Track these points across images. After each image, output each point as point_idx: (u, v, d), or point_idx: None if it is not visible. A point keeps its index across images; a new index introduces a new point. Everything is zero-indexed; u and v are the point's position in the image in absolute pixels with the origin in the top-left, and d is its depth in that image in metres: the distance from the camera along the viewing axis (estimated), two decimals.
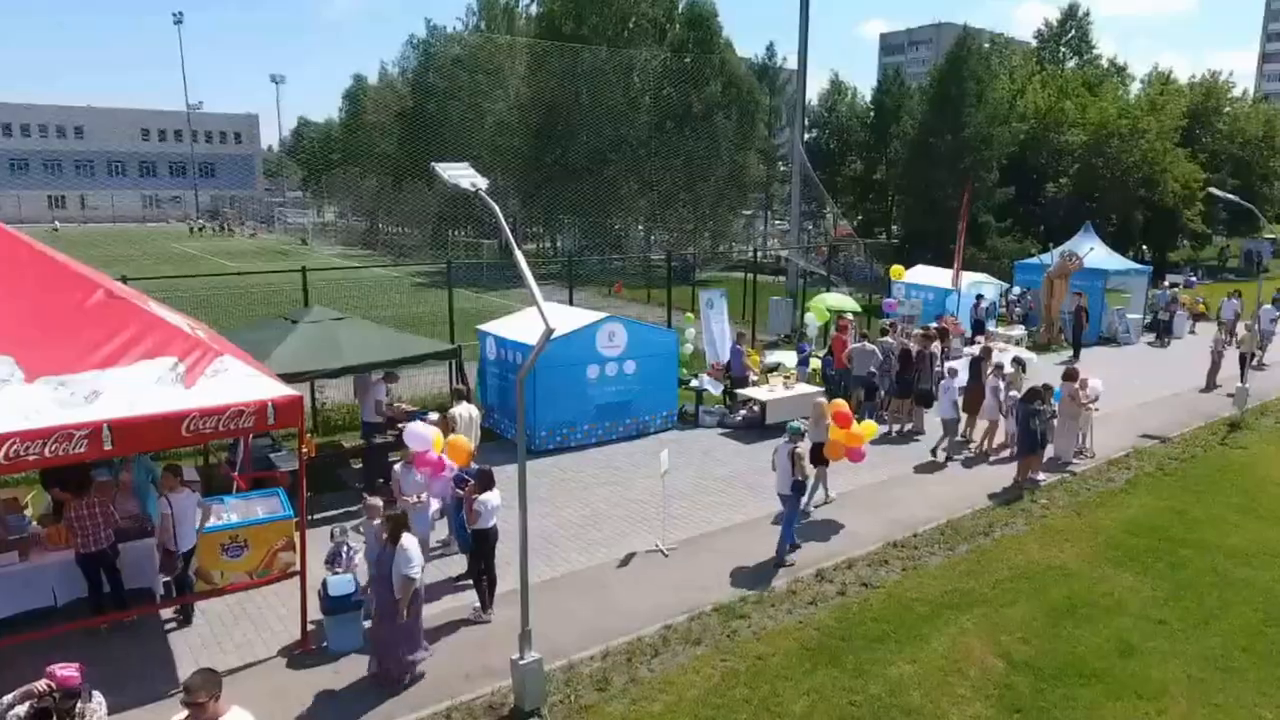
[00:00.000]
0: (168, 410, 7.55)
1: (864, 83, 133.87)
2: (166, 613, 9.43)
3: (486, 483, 9.36)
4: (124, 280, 11.38)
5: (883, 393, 17.08)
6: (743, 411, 16.98)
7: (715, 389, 17.70)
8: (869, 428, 12.79)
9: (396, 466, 10.36)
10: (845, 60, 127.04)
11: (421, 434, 10.12)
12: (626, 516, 12.33)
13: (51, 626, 8.61)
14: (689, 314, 21.82)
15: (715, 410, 17.30)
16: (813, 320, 22.17)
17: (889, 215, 51.52)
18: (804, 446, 11.26)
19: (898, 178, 47.79)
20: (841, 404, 12.45)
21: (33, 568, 8.98)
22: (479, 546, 9.43)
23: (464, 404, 12.50)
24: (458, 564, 10.52)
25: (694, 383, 17.65)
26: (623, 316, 16.57)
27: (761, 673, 8.51)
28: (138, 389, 7.59)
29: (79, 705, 5.35)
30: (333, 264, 41.43)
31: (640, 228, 52.31)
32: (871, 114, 52.33)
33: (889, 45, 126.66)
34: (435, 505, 10.52)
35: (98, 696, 5.50)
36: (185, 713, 5.16)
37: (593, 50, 46.17)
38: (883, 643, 9.07)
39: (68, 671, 5.30)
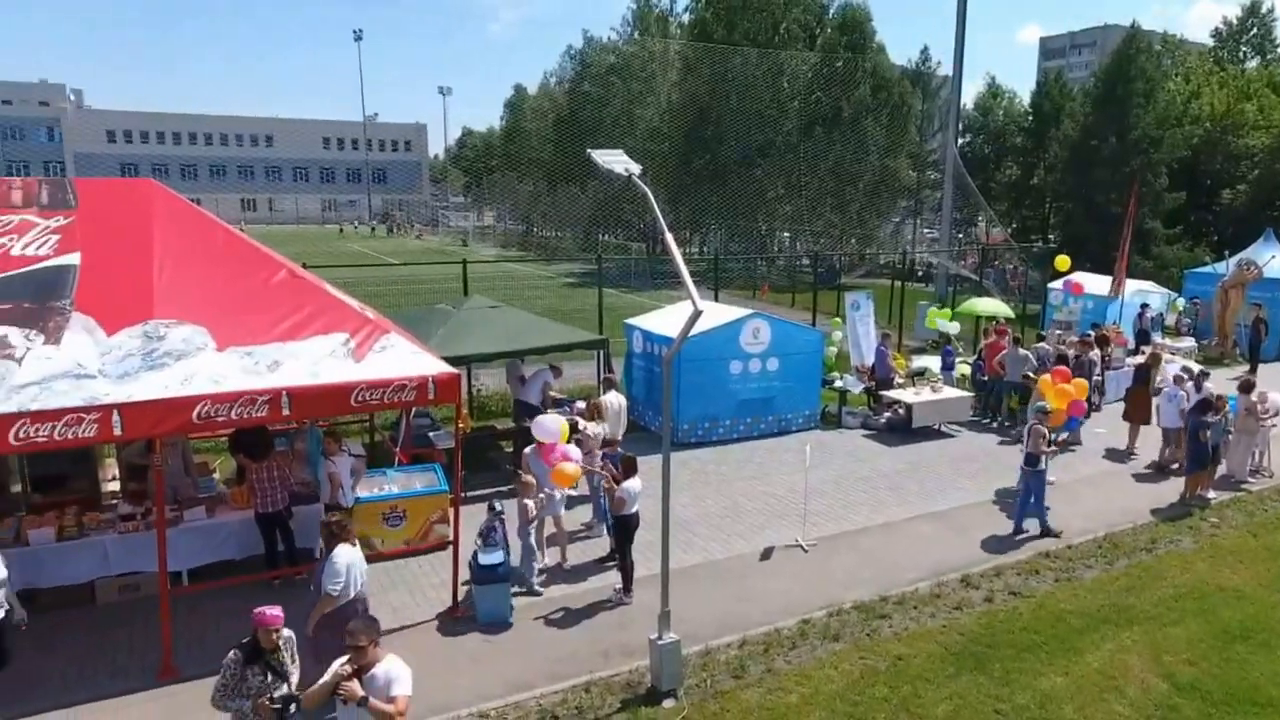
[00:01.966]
0: (339, 381, 7.94)
1: (1021, 87, 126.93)
2: None
3: (630, 469, 9.36)
4: (305, 267, 12.11)
5: None
6: (887, 414, 16.32)
7: (857, 388, 17.10)
8: (1080, 384, 13.49)
9: (527, 450, 10.47)
10: (1001, 66, 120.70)
11: (549, 427, 9.99)
12: (766, 511, 12.06)
13: (231, 577, 9.24)
14: (835, 318, 21.20)
15: (859, 412, 16.72)
16: (944, 325, 20.85)
17: (1046, 222, 48.52)
18: (1046, 426, 11.54)
19: (1056, 183, 44.90)
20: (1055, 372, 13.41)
21: (218, 524, 9.64)
22: (621, 531, 9.42)
23: (613, 392, 12.60)
24: (601, 546, 10.59)
25: (838, 382, 17.13)
26: (767, 314, 16.26)
27: (902, 673, 8.08)
28: (313, 360, 8.03)
29: (280, 638, 5.79)
30: (490, 260, 42.92)
31: (786, 232, 51.58)
32: (1030, 117, 49.48)
33: (1049, 49, 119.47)
34: (560, 493, 10.46)
35: (288, 631, 5.89)
36: (347, 655, 5.34)
37: (743, 55, 45.90)
38: (1032, 653, 8.44)
39: (274, 611, 5.78)
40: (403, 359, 8.46)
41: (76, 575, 8.89)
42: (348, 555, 7.01)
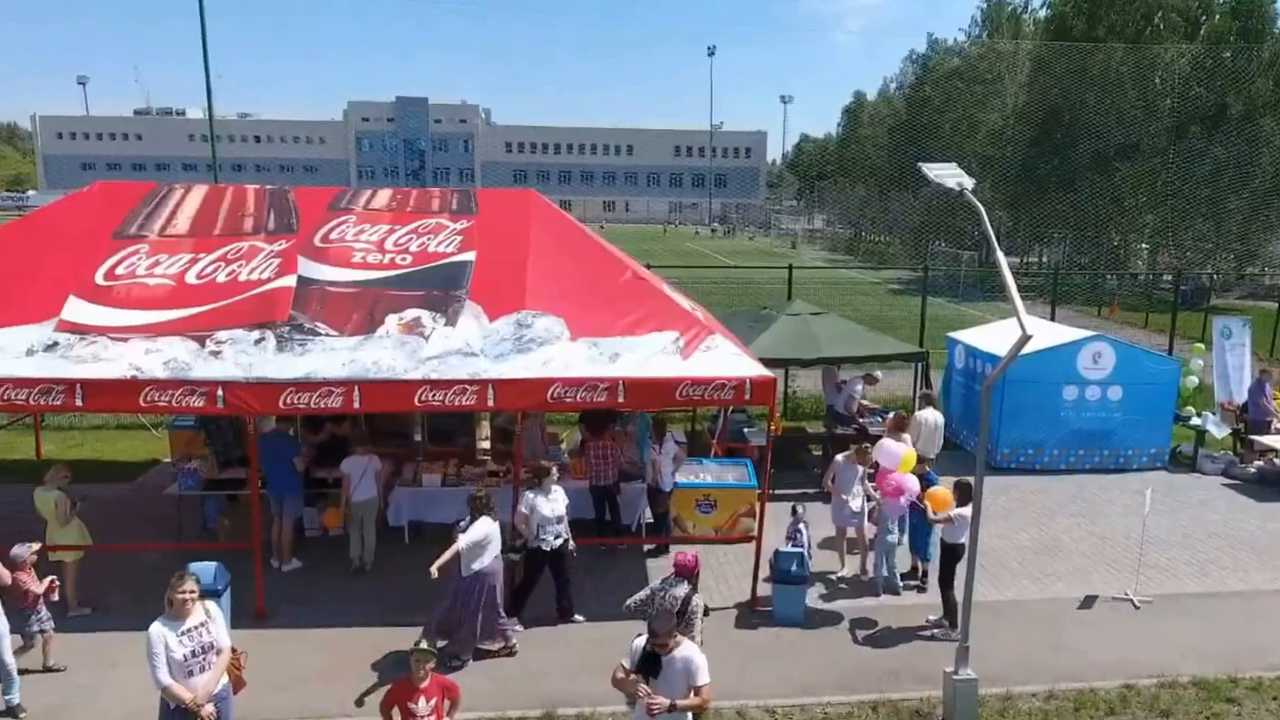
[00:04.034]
0: (667, 375, 8.36)
1: None
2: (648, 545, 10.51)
3: (965, 496, 8.42)
4: (648, 267, 12.88)
5: None
6: (1259, 462, 13.56)
7: (1220, 431, 14.37)
8: None
9: (839, 457, 10.13)
10: None
11: (892, 451, 9.47)
12: (1091, 554, 10.62)
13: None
14: (1198, 344, 18.04)
15: (1220, 457, 14.06)
16: None
17: None
18: None
19: None
20: None
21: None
22: (948, 560, 8.57)
23: (929, 409, 11.81)
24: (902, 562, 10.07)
25: (1194, 420, 14.54)
26: (1112, 337, 14.28)
27: None
28: (647, 355, 8.52)
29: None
30: (817, 266, 42.56)
31: (1144, 245, 44.84)
32: None
33: None
34: (857, 502, 9.90)
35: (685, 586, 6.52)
36: (644, 636, 5.55)
37: (1105, 51, 40.47)
38: None
39: (686, 557, 6.44)
40: (725, 360, 8.68)
41: (449, 515, 10.26)
42: (486, 527, 7.67)
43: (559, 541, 8.42)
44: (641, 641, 5.53)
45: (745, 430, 12.95)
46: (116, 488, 11.73)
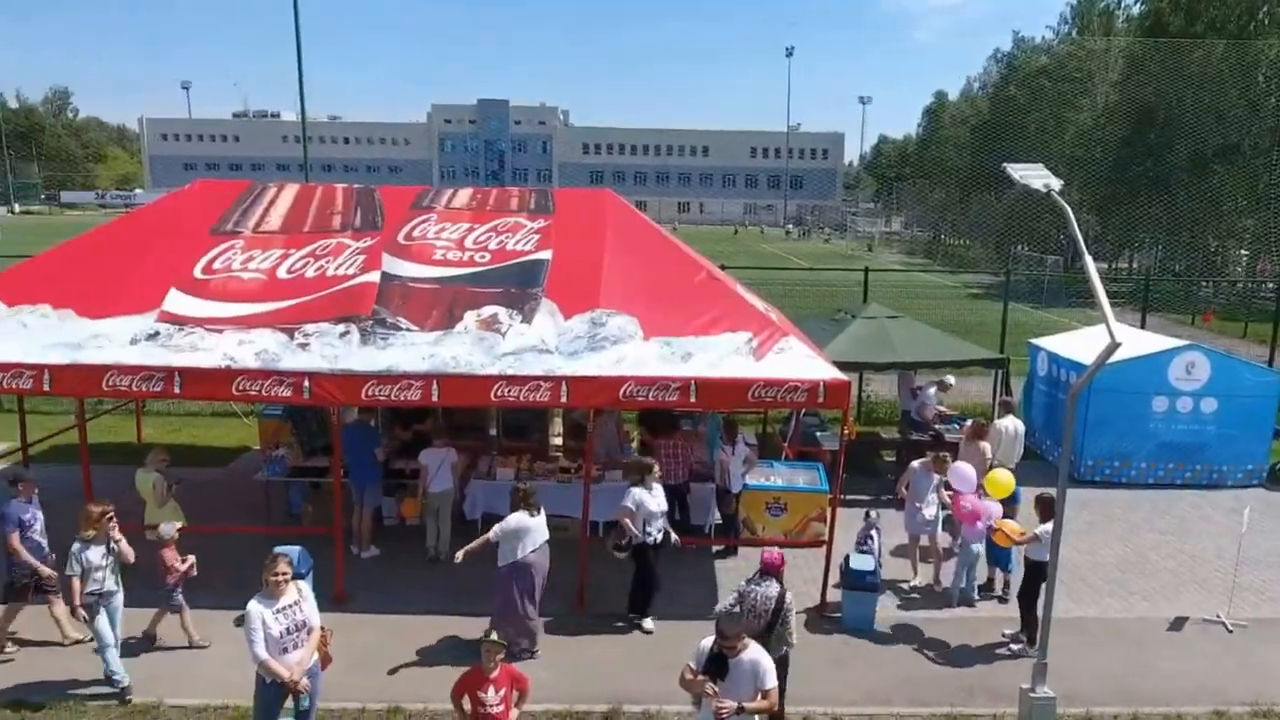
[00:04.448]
0: (739, 376, 8.27)
1: None
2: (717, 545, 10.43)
3: (1047, 510, 8.04)
4: (722, 267, 12.78)
5: None
6: None
7: None
8: None
9: (915, 464, 9.87)
10: None
11: (966, 475, 9.13)
12: (1180, 572, 10.09)
13: None
14: None
15: None
16: None
17: None
18: None
19: None
20: None
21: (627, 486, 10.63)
22: (1033, 578, 8.14)
23: (1009, 417, 11.39)
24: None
25: None
26: (1207, 346, 13.54)
27: None
28: (719, 355, 8.45)
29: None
30: (893, 269, 41.62)
31: (1243, 251, 42.41)
32: None
33: None
34: (931, 510, 9.61)
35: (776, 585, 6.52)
36: (712, 638, 5.50)
37: (1205, 47, 38.39)
38: None
39: (774, 555, 6.51)
40: (798, 362, 8.54)
41: None
42: (521, 520, 7.71)
43: (661, 536, 8.52)
44: (709, 642, 5.48)
45: (817, 434, 12.73)
46: (210, 472, 12.29)
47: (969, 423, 11.11)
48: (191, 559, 7.85)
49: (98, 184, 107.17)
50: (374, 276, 9.27)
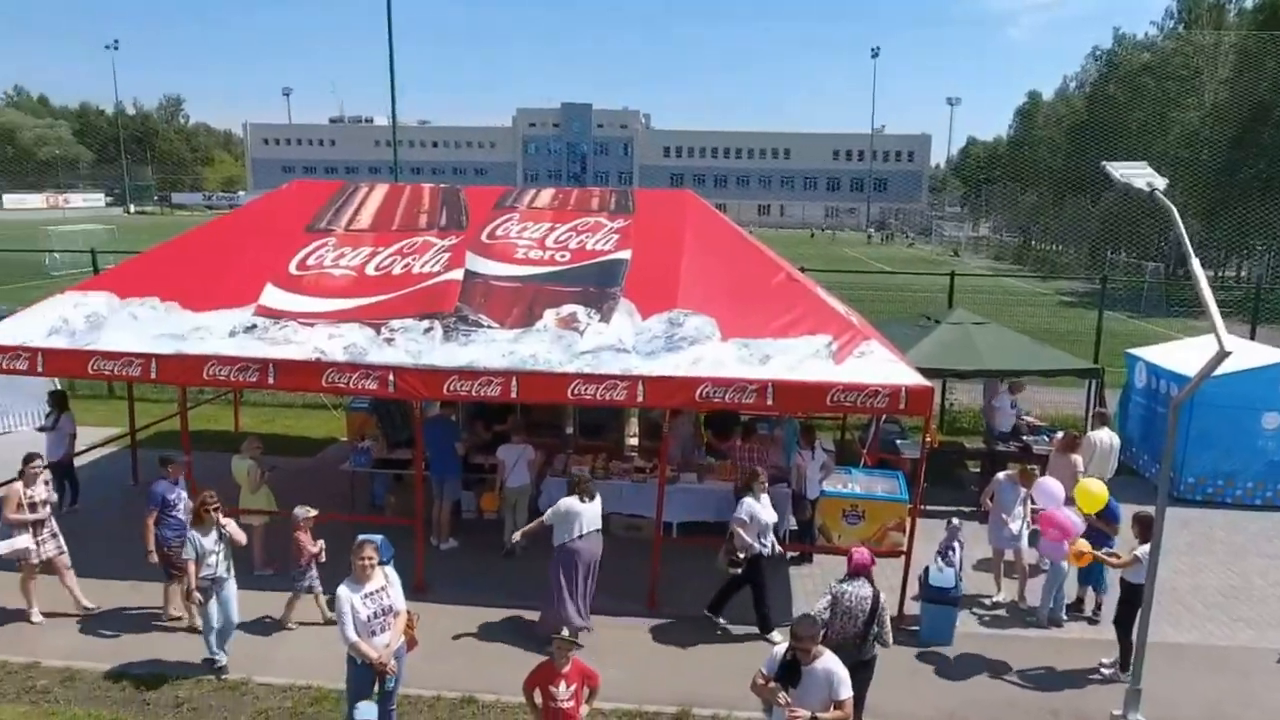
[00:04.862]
0: (818, 380, 8.09)
1: None
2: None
3: (1145, 530, 7.56)
4: (802, 270, 12.59)
5: None
6: None
7: None
8: None
9: (1000, 476, 9.47)
10: None
11: (1052, 492, 8.70)
12: None
13: (708, 537, 10.05)
14: None
15: None
16: None
17: None
18: None
19: None
20: None
21: (705, 490, 10.51)
22: (1129, 601, 7.64)
23: (1104, 430, 10.87)
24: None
25: None
26: None
27: None
28: (798, 358, 8.30)
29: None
30: (980, 273, 40.29)
31: None
32: None
33: None
34: (1017, 524, 9.17)
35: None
36: (785, 644, 5.39)
37: None
38: None
39: (864, 555, 6.55)
40: (879, 366, 8.31)
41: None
42: (571, 505, 7.95)
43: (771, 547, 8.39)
44: (782, 649, 5.38)
45: (898, 441, 12.39)
46: (300, 461, 12.76)
47: (1060, 434, 10.62)
48: (322, 542, 8.08)
49: (205, 186, 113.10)
50: (457, 274, 9.46)
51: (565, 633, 5.69)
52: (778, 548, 8.54)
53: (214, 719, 6.92)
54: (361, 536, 6.40)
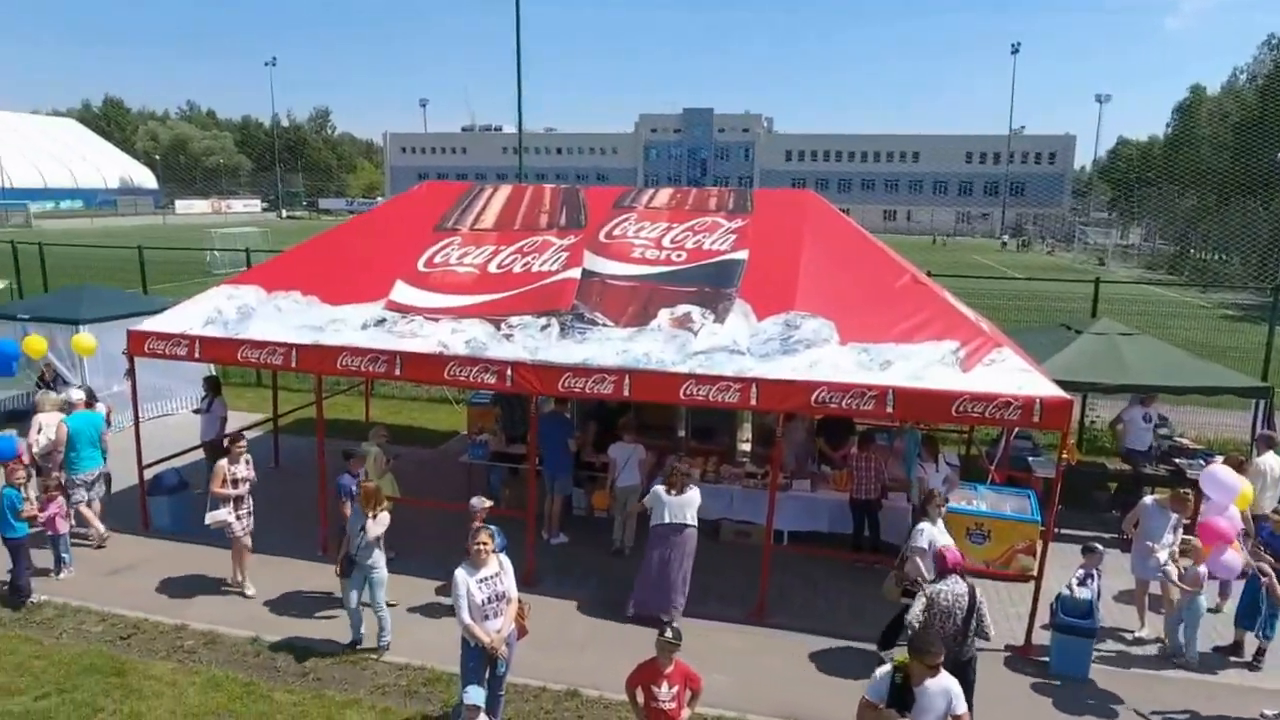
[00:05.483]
0: (942, 388, 7.71)
1: None
2: None
3: None
4: (929, 274, 12.08)
5: None
6: None
7: None
8: None
9: (1148, 499, 8.71)
10: None
11: (1225, 482, 7.93)
12: None
13: (820, 548, 9.80)
14: None
15: None
16: None
17: None
18: None
19: None
20: None
21: (818, 499, 10.28)
22: None
23: (1269, 454, 9.86)
24: (1220, 633, 8.50)
25: None
26: None
27: None
28: (922, 364, 7.94)
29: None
30: (1129, 281, 37.56)
31: None
32: None
33: None
34: (1165, 553, 8.37)
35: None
36: (888, 667, 5.17)
37: None
38: None
39: (954, 551, 6.58)
40: (1011, 375, 7.84)
41: (708, 513, 10.37)
42: (657, 493, 8.43)
43: None
44: (887, 671, 5.15)
45: (1030, 458, 11.67)
46: (422, 452, 13.31)
47: (1219, 459, 9.70)
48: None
49: (348, 192, 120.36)
50: (575, 273, 9.61)
51: (668, 634, 5.64)
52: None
53: (334, 690, 7.28)
54: (477, 524, 6.58)
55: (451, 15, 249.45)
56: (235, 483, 8.73)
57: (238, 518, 8.77)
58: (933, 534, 7.50)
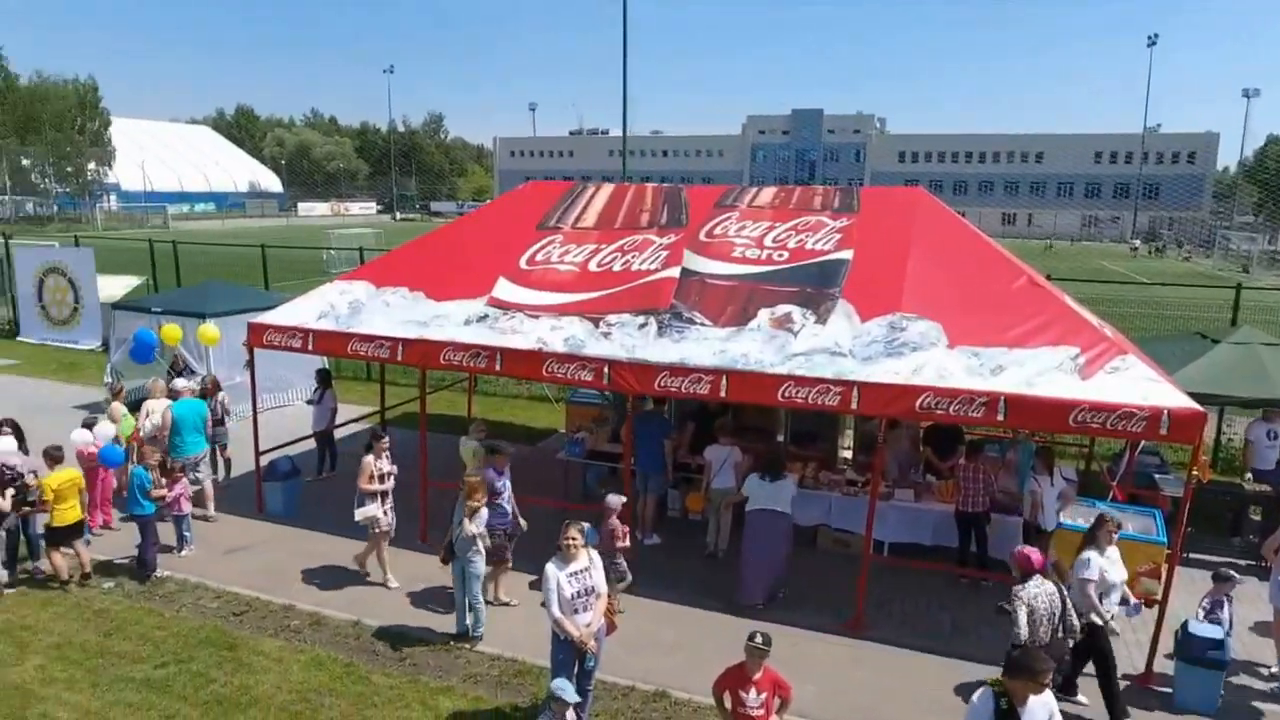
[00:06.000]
0: (1059, 396, 7.30)
1: None
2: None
3: None
4: (1048, 277, 11.49)
5: None
6: None
7: None
8: None
9: None
10: None
11: None
12: None
13: (922, 561, 9.44)
14: None
15: None
16: None
17: None
18: None
19: None
20: None
21: (921, 510, 9.92)
22: None
23: None
24: None
25: None
26: None
27: None
28: (1036, 370, 7.55)
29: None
30: (1273, 288, 34.65)
31: None
32: None
33: None
34: None
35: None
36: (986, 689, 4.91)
37: None
38: None
39: (1035, 552, 6.56)
40: (1136, 385, 7.35)
41: (806, 519, 10.18)
42: (751, 480, 8.83)
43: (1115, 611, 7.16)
44: (987, 696, 4.87)
45: (1156, 475, 10.92)
46: (521, 448, 13.56)
47: None
48: (627, 528, 8.32)
49: (458, 196, 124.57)
50: (674, 272, 9.61)
51: (757, 639, 5.56)
52: (1113, 619, 7.06)
53: (429, 676, 7.51)
54: (569, 520, 6.66)
55: (561, 19, 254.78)
56: (381, 478, 8.94)
57: (385, 511, 8.93)
58: (1102, 565, 6.90)
